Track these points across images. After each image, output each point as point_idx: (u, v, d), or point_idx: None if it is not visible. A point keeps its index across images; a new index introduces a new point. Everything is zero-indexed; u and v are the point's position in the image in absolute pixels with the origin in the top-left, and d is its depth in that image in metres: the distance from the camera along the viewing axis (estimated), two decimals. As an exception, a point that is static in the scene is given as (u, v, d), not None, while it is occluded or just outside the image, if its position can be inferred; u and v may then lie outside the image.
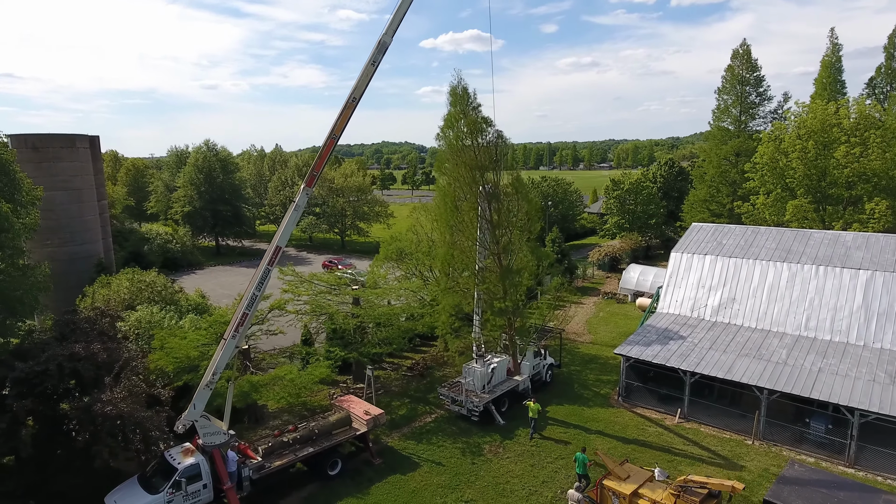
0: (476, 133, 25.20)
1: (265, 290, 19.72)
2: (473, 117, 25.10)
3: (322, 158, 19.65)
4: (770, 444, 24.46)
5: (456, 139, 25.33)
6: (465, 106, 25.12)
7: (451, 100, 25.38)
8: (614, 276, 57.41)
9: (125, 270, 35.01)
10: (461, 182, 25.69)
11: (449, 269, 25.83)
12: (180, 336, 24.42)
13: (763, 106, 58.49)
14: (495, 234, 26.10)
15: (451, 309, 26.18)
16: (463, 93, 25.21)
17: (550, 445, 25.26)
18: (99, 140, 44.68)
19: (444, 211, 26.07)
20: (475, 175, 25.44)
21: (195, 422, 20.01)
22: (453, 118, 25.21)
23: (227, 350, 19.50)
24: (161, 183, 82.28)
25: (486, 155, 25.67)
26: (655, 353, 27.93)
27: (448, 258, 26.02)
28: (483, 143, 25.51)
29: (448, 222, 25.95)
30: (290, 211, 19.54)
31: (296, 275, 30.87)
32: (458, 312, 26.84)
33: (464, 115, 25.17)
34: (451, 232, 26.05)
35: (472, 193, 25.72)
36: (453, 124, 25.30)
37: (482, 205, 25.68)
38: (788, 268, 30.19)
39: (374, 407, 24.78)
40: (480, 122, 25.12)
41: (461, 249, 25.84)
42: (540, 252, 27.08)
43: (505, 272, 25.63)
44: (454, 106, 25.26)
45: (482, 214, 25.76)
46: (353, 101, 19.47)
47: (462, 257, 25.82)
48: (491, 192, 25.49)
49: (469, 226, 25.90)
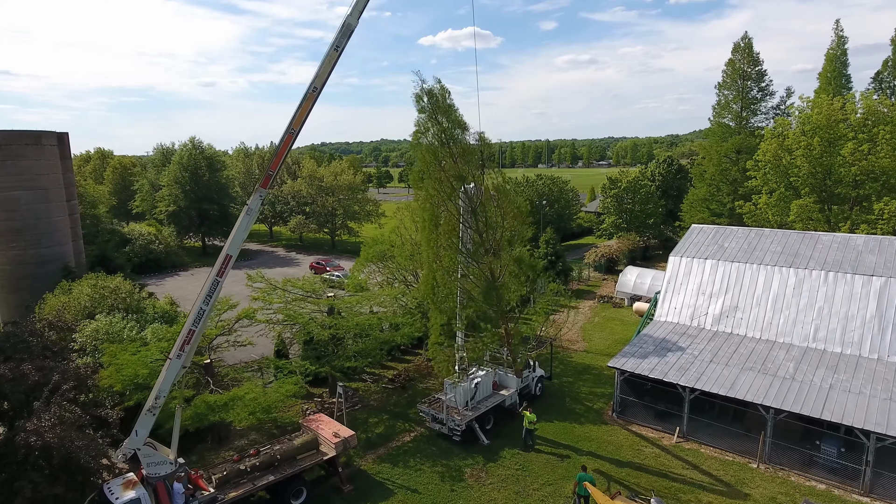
0: (451, 140, 22.52)
1: (214, 303, 17.62)
2: (445, 125, 22.36)
3: (279, 156, 17.54)
4: (777, 469, 22.42)
5: (428, 150, 22.55)
6: (435, 111, 22.24)
7: (418, 107, 22.37)
8: (611, 279, 55.39)
9: (88, 275, 32.93)
10: (439, 195, 22.91)
11: (433, 293, 23.17)
12: (132, 350, 22.33)
13: (765, 101, 56.54)
14: (479, 249, 23.72)
15: (438, 328, 23.71)
16: (430, 98, 22.15)
17: (538, 469, 23.21)
18: (68, 137, 42.47)
19: (424, 228, 23.18)
20: (454, 186, 22.86)
21: (137, 450, 17.93)
22: (423, 127, 22.45)
23: (170, 371, 17.41)
24: (146, 181, 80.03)
25: (466, 162, 23.01)
26: (652, 366, 25.87)
27: (431, 280, 23.13)
28: (459, 150, 22.80)
29: (430, 241, 23.10)
30: (242, 215, 17.46)
31: (266, 281, 28.73)
32: (448, 332, 24.31)
33: (436, 122, 22.38)
34: (433, 250, 23.20)
35: (452, 206, 23.16)
36: (424, 133, 22.56)
37: (464, 217, 23.29)
38: (795, 273, 28.11)
39: (344, 428, 22.72)
40: (454, 128, 22.41)
41: (445, 269, 23.07)
42: (527, 263, 24.51)
43: (489, 288, 23.33)
44: (421, 113, 22.36)
45: (464, 228, 23.41)
46: (313, 92, 17.37)
47: (446, 278, 23.05)
48: (473, 205, 22.97)
49: (450, 244, 23.35)
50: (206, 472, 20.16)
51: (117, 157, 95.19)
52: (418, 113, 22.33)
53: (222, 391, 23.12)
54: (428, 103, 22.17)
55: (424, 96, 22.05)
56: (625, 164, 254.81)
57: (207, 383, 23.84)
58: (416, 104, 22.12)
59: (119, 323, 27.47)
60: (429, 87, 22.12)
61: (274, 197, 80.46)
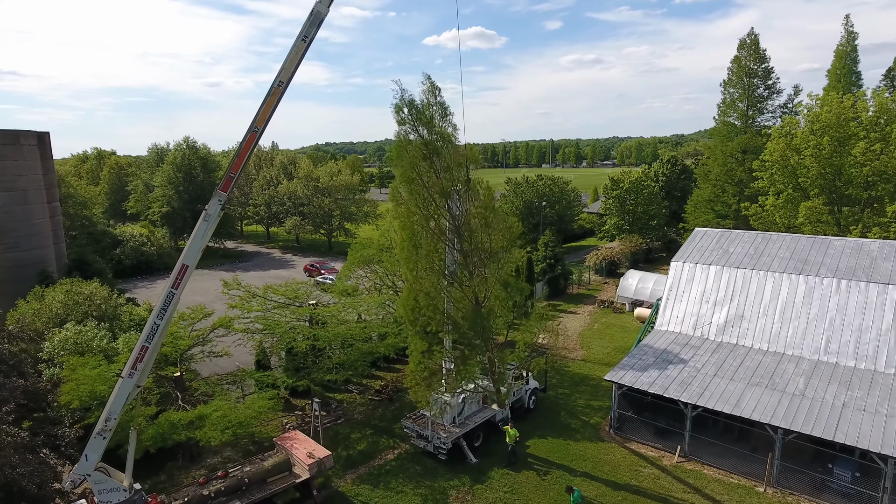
0: (435, 154, 20.45)
1: (169, 318, 16.14)
2: (428, 137, 20.25)
3: (241, 157, 16.10)
4: (785, 493, 20.78)
5: (410, 165, 20.53)
6: (417, 123, 20.28)
7: (397, 118, 20.29)
8: (612, 282, 53.71)
9: (62, 281, 31.53)
10: (420, 212, 20.91)
11: (413, 315, 20.90)
12: (93, 364, 20.90)
13: (772, 100, 54.63)
14: (463, 272, 21.89)
15: (419, 356, 21.60)
16: (411, 109, 20.15)
17: (528, 491, 21.65)
18: (49, 137, 41.14)
19: (403, 249, 21.08)
20: (437, 203, 20.91)
21: (87, 477, 16.51)
22: (404, 140, 20.45)
23: (122, 391, 15.98)
24: (140, 182, 78.83)
25: (450, 178, 21.03)
26: (652, 380, 24.27)
27: (412, 302, 20.85)
28: (444, 165, 20.75)
29: (409, 262, 21.07)
30: (199, 222, 16.01)
31: (242, 288, 27.27)
32: (429, 360, 22.13)
33: (417, 134, 20.39)
34: (413, 272, 21.22)
35: (434, 225, 21.20)
36: (405, 147, 20.51)
37: (448, 237, 21.38)
38: (805, 281, 26.44)
39: (320, 447, 21.21)
40: (439, 141, 20.34)
41: (425, 292, 20.89)
42: (515, 287, 22.37)
43: (475, 314, 21.49)
44: (402, 125, 20.27)
45: (448, 248, 21.55)
46: (279, 86, 15.92)
47: (428, 300, 20.83)
48: (457, 224, 21.07)
49: (431, 266, 21.39)
50: (167, 496, 18.73)
51: (113, 158, 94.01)
52: (398, 125, 20.40)
53: (191, 407, 21.65)
54: (409, 114, 20.27)
55: (405, 107, 20.16)
56: (629, 164, 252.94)
57: (176, 398, 22.39)
58: (395, 115, 20.19)
59: (90, 332, 26.06)
60: (410, 97, 20.18)
61: (269, 198, 79.11)
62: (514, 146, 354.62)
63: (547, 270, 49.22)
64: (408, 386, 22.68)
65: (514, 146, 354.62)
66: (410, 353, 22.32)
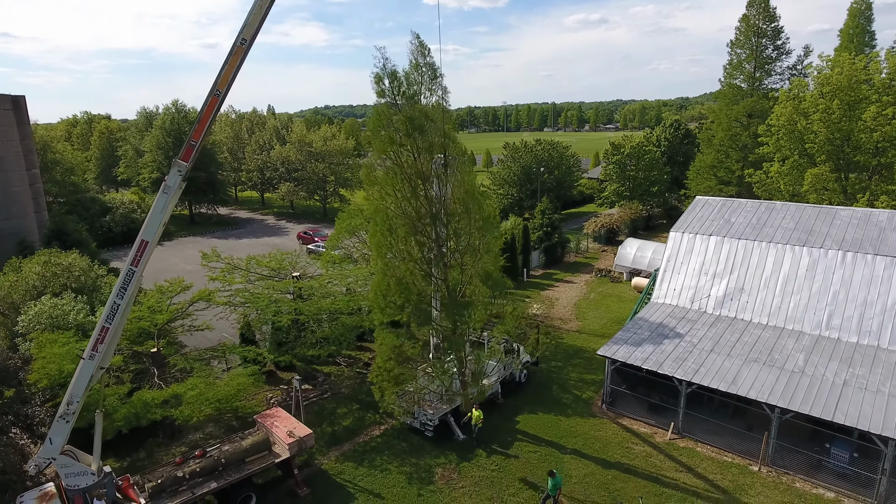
0: (417, 131, 18.24)
1: (131, 298, 15.16)
2: (409, 112, 18.06)
3: (202, 123, 14.84)
4: (780, 473, 20.18)
5: (388, 142, 18.39)
6: (396, 97, 18.24)
7: (377, 90, 18.15)
8: (611, 250, 52.69)
9: (40, 252, 30.52)
10: (397, 196, 19.00)
11: (384, 304, 19.03)
12: (63, 341, 20.05)
13: (780, 61, 52.49)
14: (441, 259, 20.01)
15: (388, 352, 19.89)
16: (393, 81, 18.04)
17: (516, 469, 21.10)
18: (25, 101, 39.44)
19: (376, 233, 19.10)
20: (415, 186, 18.97)
21: (52, 460, 15.83)
22: (383, 116, 18.28)
23: (83, 373, 15.11)
24: (130, 147, 77.02)
25: (429, 159, 18.97)
26: (646, 355, 23.47)
27: (383, 289, 19.04)
28: (426, 144, 18.64)
29: (381, 247, 19.19)
30: (159, 194, 14.87)
31: (223, 260, 26.25)
32: (399, 356, 20.22)
33: (396, 108, 18.22)
34: (385, 258, 19.34)
35: (411, 210, 19.22)
36: (383, 123, 18.39)
37: (423, 223, 19.45)
38: (809, 253, 25.36)
39: (301, 426, 20.53)
40: (420, 117, 18.16)
41: (398, 279, 19.11)
42: (495, 279, 20.28)
43: (452, 304, 19.92)
44: (381, 97, 18.18)
45: (425, 235, 19.66)
46: (242, 44, 14.49)
47: (400, 289, 19.09)
48: (433, 209, 19.24)
49: (408, 252, 19.60)
50: (141, 477, 18.13)
51: (103, 122, 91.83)
52: (377, 97, 18.29)
53: (167, 385, 20.92)
54: (390, 87, 18.20)
55: (386, 79, 18.08)
56: (632, 128, 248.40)
57: (153, 375, 21.65)
58: (374, 86, 18.16)
59: (67, 304, 25.19)
60: (392, 67, 18.03)
61: (262, 163, 77.40)
62: (516, 109, 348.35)
63: (543, 238, 48.16)
64: (372, 382, 20.59)
65: (516, 109, 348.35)
66: (378, 347, 20.39)
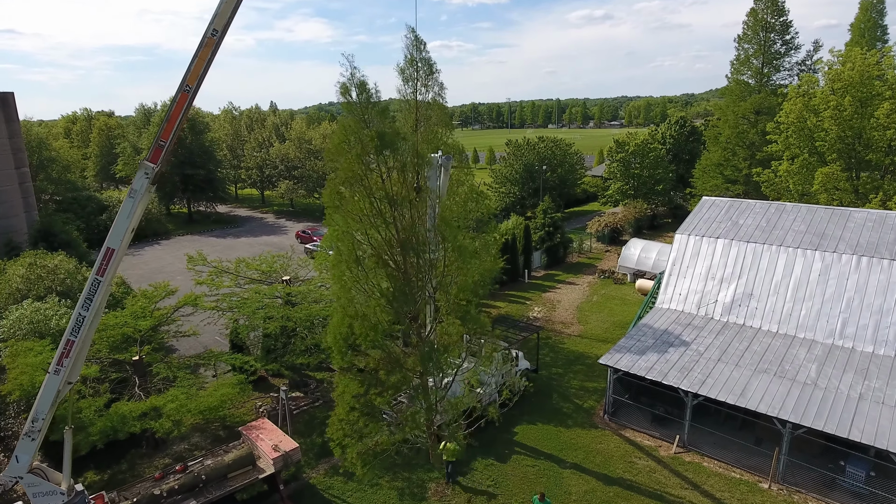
0: (389, 148, 15.53)
1: (98, 309, 14.19)
2: (379, 127, 15.28)
3: (171, 121, 13.82)
4: (791, 491, 19.13)
5: (355, 160, 15.36)
6: (365, 111, 15.33)
7: (344, 102, 15.39)
8: (614, 250, 51.56)
9: (25, 253, 29.70)
10: (364, 221, 15.92)
11: (345, 347, 15.79)
12: (37, 350, 19.16)
13: (789, 56, 51.05)
14: (411, 296, 16.84)
15: (351, 401, 16.51)
16: (361, 92, 15.18)
17: (513, 484, 20.13)
18: (13, 97, 38.59)
19: (339, 263, 15.82)
20: (383, 210, 15.94)
21: (19, 479, 14.95)
22: (349, 131, 15.37)
23: (48, 389, 14.20)
24: (128, 144, 76.25)
25: (402, 181, 16.16)
26: (650, 364, 22.43)
27: (344, 331, 15.85)
28: (398, 164, 15.95)
29: (344, 280, 15.93)
30: (125, 199, 13.89)
31: (208, 263, 25.30)
32: (365, 407, 16.78)
33: (364, 123, 15.30)
34: (350, 293, 16.08)
35: (380, 238, 16.22)
36: (349, 139, 15.42)
37: (393, 252, 16.40)
38: (821, 257, 24.23)
39: (287, 439, 19.59)
40: (392, 134, 15.43)
41: (362, 317, 15.89)
42: (473, 320, 17.06)
43: (428, 352, 16.85)
44: (348, 110, 15.37)
45: (396, 267, 16.56)
46: (213, 35, 13.48)
47: (367, 329, 15.83)
48: (399, 236, 16.22)
49: (377, 286, 16.39)
50: (117, 494, 17.24)
51: (102, 119, 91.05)
52: (344, 110, 15.48)
53: (149, 395, 20.01)
54: (357, 100, 15.30)
55: (353, 89, 15.20)
56: (637, 125, 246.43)
57: (134, 384, 20.75)
58: (342, 96, 15.37)
59: (50, 309, 24.34)
60: (361, 77, 15.18)
61: (262, 160, 76.49)
62: (520, 106, 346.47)
63: (545, 238, 47.09)
64: (330, 438, 16.84)
65: (520, 106, 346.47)
66: (338, 395, 16.77)
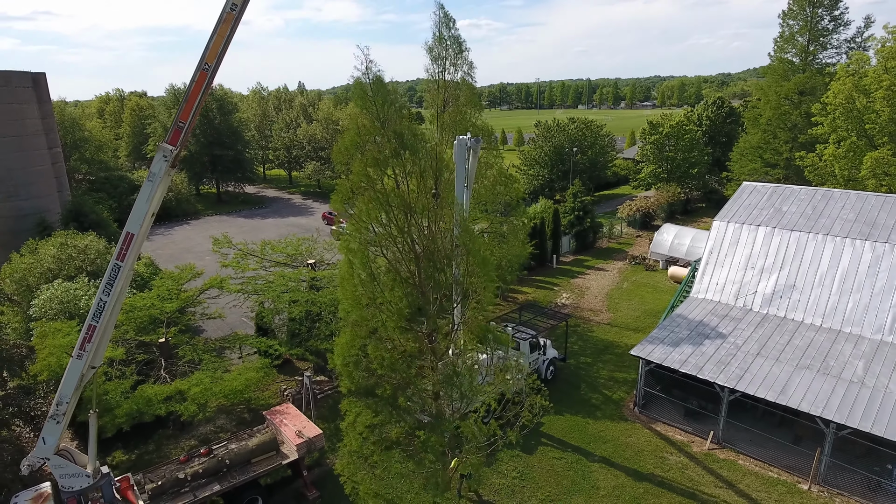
0: (408, 150, 13.18)
1: (120, 294, 14.00)
2: (398, 127, 12.93)
3: (190, 101, 13.41)
4: (833, 493, 18.22)
5: (371, 163, 12.94)
6: (381, 109, 12.88)
7: (360, 102, 13.00)
8: (646, 236, 50.20)
9: (56, 233, 30.04)
10: (379, 231, 13.60)
11: (354, 369, 13.48)
12: (66, 331, 19.26)
13: (838, 33, 48.35)
14: (429, 313, 14.65)
15: (364, 431, 14.25)
16: (378, 90, 12.81)
17: (539, 477, 19.66)
18: (45, 78, 38.94)
19: (351, 277, 13.43)
20: (402, 221, 13.47)
21: (46, 461, 15.03)
22: (364, 131, 12.98)
23: (72, 372, 14.14)
24: (159, 125, 76.92)
25: (421, 187, 13.79)
26: (684, 357, 21.55)
27: (355, 353, 13.52)
28: (417, 170, 13.48)
29: (358, 296, 13.50)
30: (144, 183, 13.57)
31: (234, 246, 25.14)
32: (379, 439, 14.66)
33: (381, 124, 12.84)
34: (364, 310, 13.53)
35: (397, 250, 13.91)
36: (364, 140, 13.05)
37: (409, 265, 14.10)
38: (871, 248, 22.85)
39: (311, 425, 19.42)
40: (410, 136, 13.05)
41: (378, 339, 13.62)
42: (493, 340, 14.56)
43: (450, 376, 14.72)
44: (363, 107, 12.97)
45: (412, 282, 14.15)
46: (232, 10, 12.91)
47: (380, 350, 13.45)
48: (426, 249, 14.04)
49: (395, 303, 13.79)
50: (143, 476, 17.30)
51: (134, 99, 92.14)
52: (360, 107, 13.15)
53: (174, 378, 20.03)
54: (373, 97, 12.94)
55: (370, 84, 12.78)
56: (670, 105, 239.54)
57: (160, 366, 20.79)
58: (355, 91, 13.12)
59: (80, 289, 24.55)
60: (377, 72, 12.87)
61: (289, 141, 76.51)
62: (550, 86, 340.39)
63: (575, 223, 46.01)
64: (339, 473, 14.84)
65: (550, 86, 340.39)
66: (347, 426, 14.31)
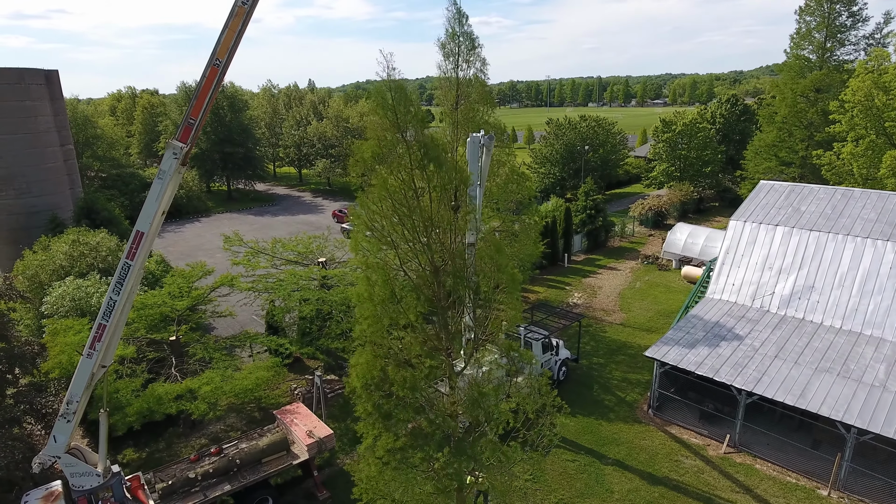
0: (432, 160, 11.25)
1: (130, 293, 13.86)
2: (422, 138, 10.95)
3: (200, 98, 13.20)
4: (854, 500, 17.81)
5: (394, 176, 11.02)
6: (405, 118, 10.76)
7: (380, 111, 10.78)
8: (658, 235, 49.68)
9: (68, 230, 30.10)
10: (403, 248, 11.83)
11: (376, 391, 11.63)
12: (77, 329, 19.22)
13: (856, 29, 47.48)
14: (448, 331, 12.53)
15: (385, 456, 12.29)
16: (399, 97, 10.63)
17: (552, 479, 19.39)
18: (58, 75, 39.06)
19: (370, 298, 11.36)
20: (423, 234, 11.70)
21: (56, 459, 14.96)
22: (386, 143, 11.22)
23: (82, 372, 14.04)
24: (170, 122, 77.25)
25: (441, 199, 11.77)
26: (700, 358, 21.18)
27: (376, 375, 11.59)
28: (442, 180, 11.34)
29: (379, 318, 11.45)
30: (154, 181, 13.40)
31: (244, 244, 25.02)
32: (400, 462, 12.97)
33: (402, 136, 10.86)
34: (383, 332, 11.59)
35: (419, 267, 11.99)
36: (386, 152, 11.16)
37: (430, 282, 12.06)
38: (894, 248, 22.33)
39: (322, 425, 19.27)
40: (435, 148, 11.21)
41: (399, 361, 11.70)
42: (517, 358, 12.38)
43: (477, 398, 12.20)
44: (384, 115, 10.74)
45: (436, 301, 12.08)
46: (243, 4, 12.69)
47: (404, 375, 11.49)
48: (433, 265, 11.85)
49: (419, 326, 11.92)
50: (154, 475, 17.22)
51: (146, 97, 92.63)
52: (380, 116, 11.00)
53: (185, 376, 19.94)
54: (394, 105, 10.84)
55: (392, 92, 10.69)
56: (682, 103, 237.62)
57: (171, 365, 20.71)
58: (375, 99, 11.06)
59: (91, 287, 24.56)
60: (401, 77, 11.37)
61: (299, 138, 76.55)
62: (560, 83, 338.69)
63: (586, 222, 45.58)
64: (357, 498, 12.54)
65: (560, 83, 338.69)
66: (365, 450, 12.58)
